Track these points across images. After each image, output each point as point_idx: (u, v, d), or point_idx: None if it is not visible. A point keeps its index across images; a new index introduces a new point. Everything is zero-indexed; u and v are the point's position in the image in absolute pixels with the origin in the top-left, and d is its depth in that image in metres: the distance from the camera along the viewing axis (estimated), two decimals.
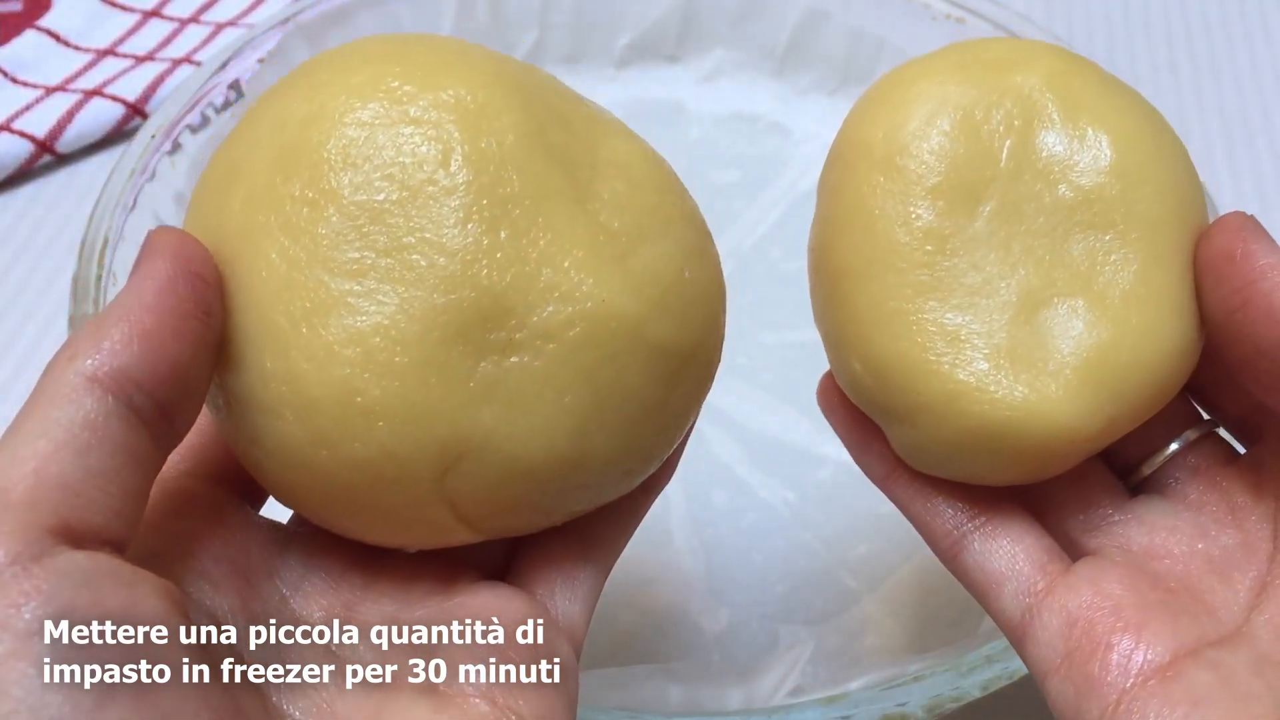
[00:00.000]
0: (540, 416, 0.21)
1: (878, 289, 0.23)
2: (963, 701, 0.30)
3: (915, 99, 0.24)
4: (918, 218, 0.23)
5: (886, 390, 0.23)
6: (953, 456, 0.24)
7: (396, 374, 0.21)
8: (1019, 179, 0.23)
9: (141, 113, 0.53)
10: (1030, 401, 0.22)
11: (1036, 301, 0.23)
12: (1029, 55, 0.25)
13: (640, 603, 0.38)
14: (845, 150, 0.25)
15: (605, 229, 0.23)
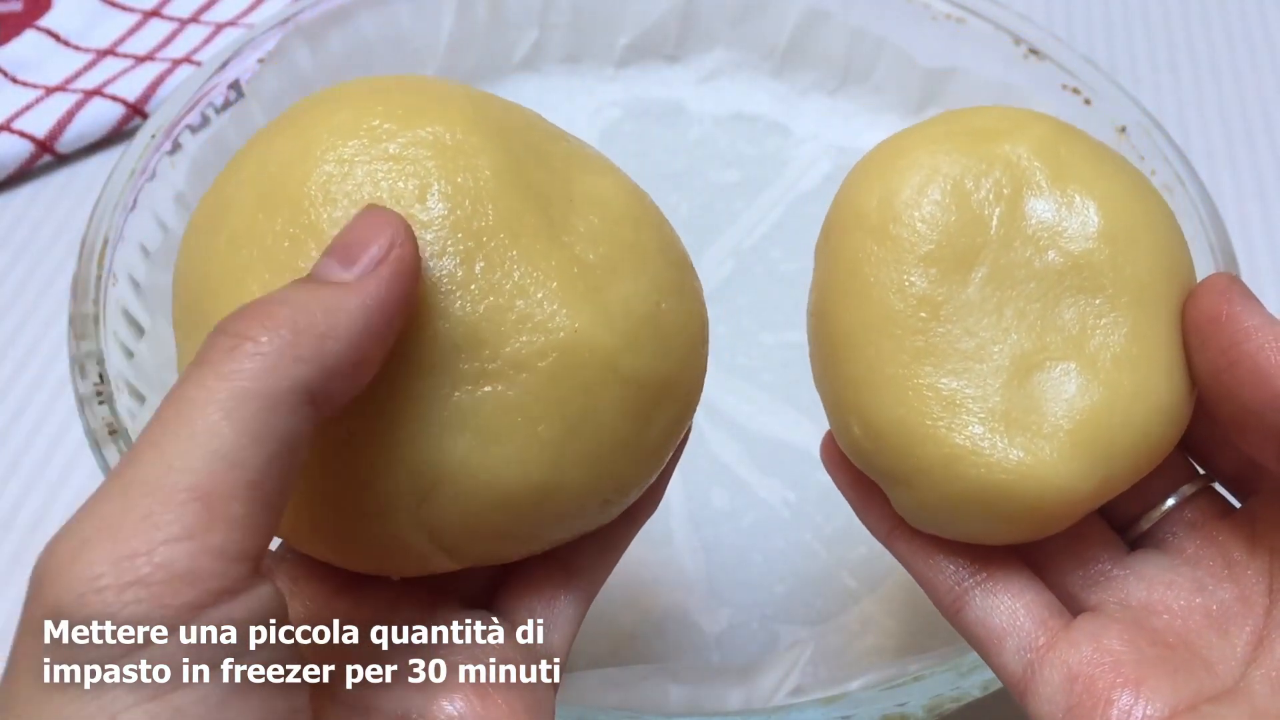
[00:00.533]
0: (513, 446, 0.22)
1: (874, 354, 0.24)
2: (963, 701, 0.30)
3: (907, 167, 0.25)
4: (911, 285, 0.24)
5: (885, 454, 0.24)
6: (951, 518, 0.24)
7: (371, 405, 0.21)
8: (1010, 245, 0.24)
9: (141, 113, 0.53)
10: (1026, 464, 0.23)
11: (1029, 365, 0.23)
12: (1017, 124, 0.25)
13: (640, 603, 0.38)
14: (840, 217, 0.26)
15: (580, 262, 0.23)
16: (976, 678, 0.30)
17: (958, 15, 0.49)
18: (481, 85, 0.53)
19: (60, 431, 0.43)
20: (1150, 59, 0.59)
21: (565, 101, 0.53)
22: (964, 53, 0.50)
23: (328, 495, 0.22)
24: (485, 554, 0.24)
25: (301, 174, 0.22)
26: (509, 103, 0.26)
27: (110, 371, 0.36)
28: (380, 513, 0.22)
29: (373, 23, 0.50)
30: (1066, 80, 0.47)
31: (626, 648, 0.37)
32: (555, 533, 0.24)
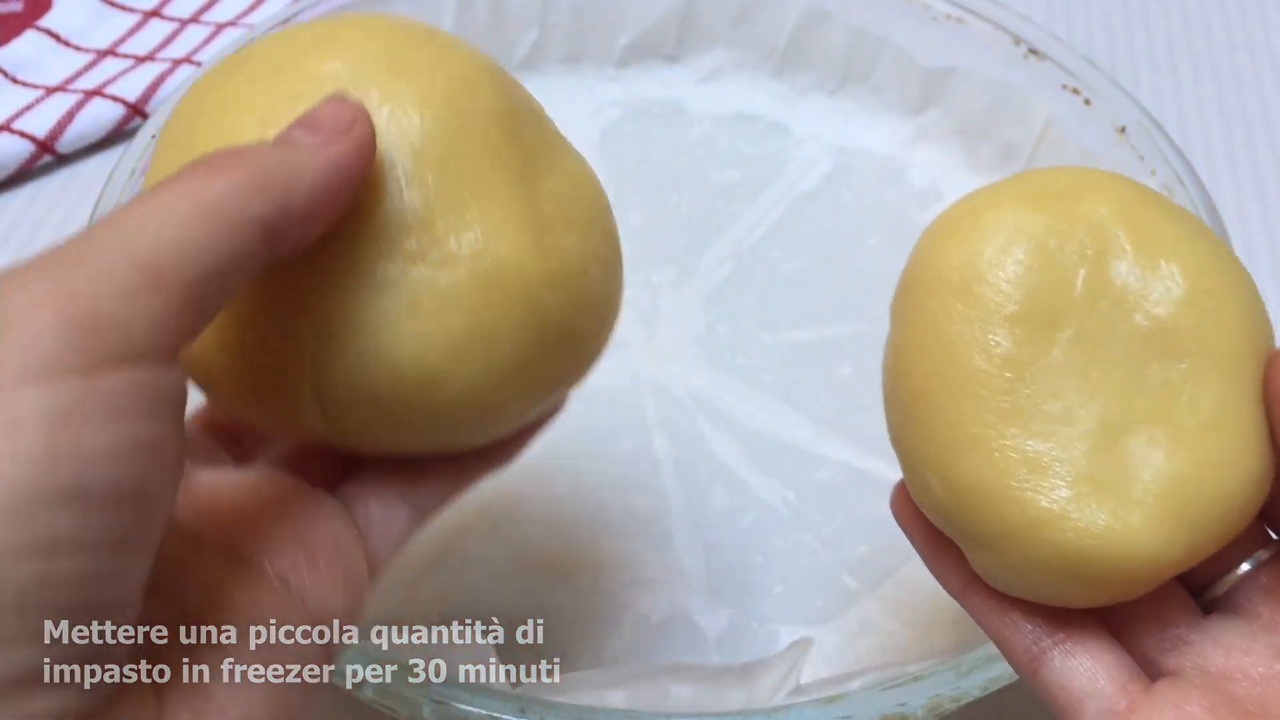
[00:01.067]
0: (422, 325, 0.23)
1: (956, 414, 0.24)
2: (963, 701, 0.30)
3: (990, 228, 0.25)
4: (996, 344, 0.24)
5: (967, 515, 0.24)
6: (1033, 581, 0.24)
7: (306, 260, 0.23)
8: (1094, 307, 0.24)
9: (142, 113, 0.53)
10: (1113, 530, 0.23)
11: (1116, 430, 0.23)
12: (1096, 184, 0.25)
13: (640, 603, 0.38)
14: (919, 276, 0.25)
15: (537, 209, 0.25)
16: (976, 678, 0.30)
17: (958, 15, 0.50)
18: None
19: None
20: (1150, 59, 0.59)
21: (565, 101, 0.53)
22: (964, 53, 0.50)
23: (244, 339, 0.24)
24: (355, 429, 0.25)
25: (316, 63, 0.24)
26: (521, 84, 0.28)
27: None
28: (282, 356, 0.24)
29: None
30: (1066, 80, 0.47)
31: (626, 648, 0.37)
32: (425, 432, 0.25)
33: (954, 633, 0.36)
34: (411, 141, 0.24)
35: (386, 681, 0.29)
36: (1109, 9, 0.61)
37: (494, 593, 0.38)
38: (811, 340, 0.45)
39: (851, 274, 0.47)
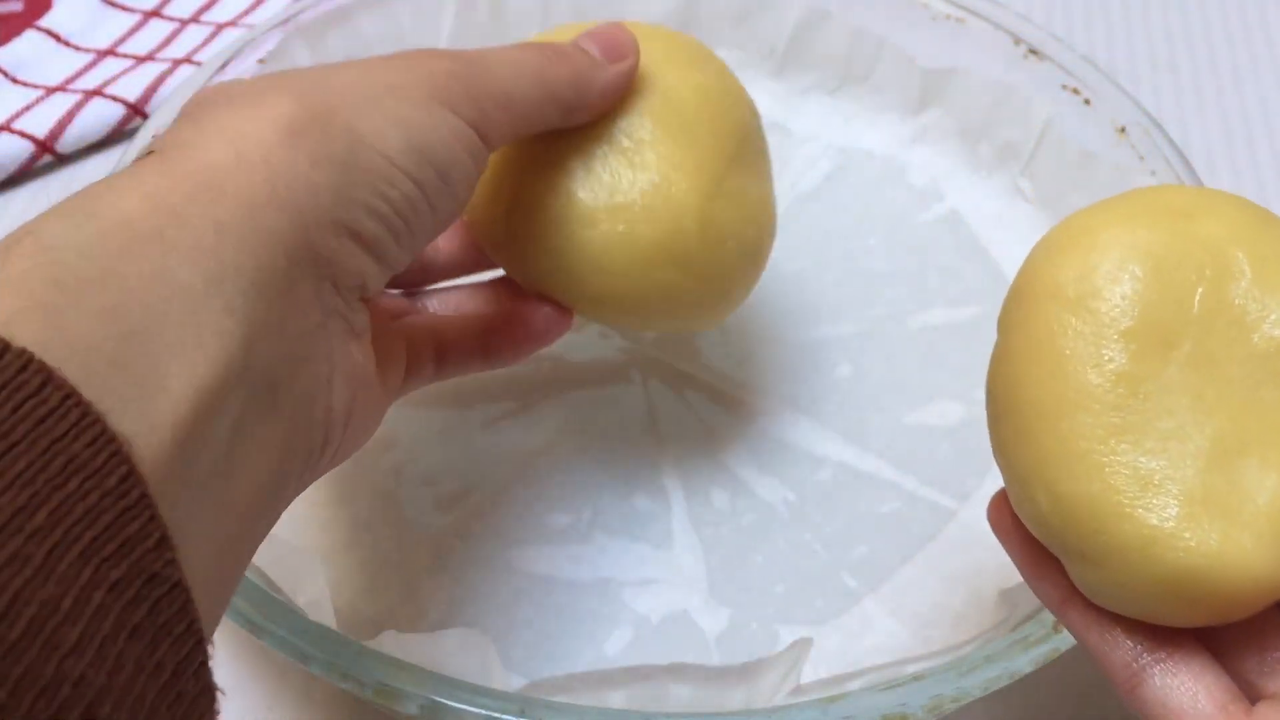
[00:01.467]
0: (601, 223, 0.34)
1: (1068, 428, 0.24)
2: (963, 701, 0.30)
3: (1106, 243, 0.25)
4: (1110, 360, 0.24)
5: (1074, 530, 0.24)
6: (1139, 599, 0.24)
7: (569, 157, 0.34)
8: (1211, 327, 0.24)
9: (142, 113, 0.53)
10: (1224, 551, 0.22)
11: (1230, 450, 0.23)
12: (1215, 204, 0.25)
13: (640, 603, 0.38)
14: (1032, 289, 0.25)
15: (717, 189, 0.34)
16: (976, 677, 0.30)
17: (957, 15, 0.50)
18: None
19: None
20: (1150, 59, 0.59)
21: None
22: (964, 53, 0.50)
23: (499, 190, 0.34)
24: (543, 276, 0.35)
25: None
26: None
27: None
28: (516, 207, 0.34)
29: (372, 23, 0.50)
30: (1066, 80, 0.47)
31: (626, 648, 0.37)
32: (586, 299, 0.35)
33: (954, 633, 0.36)
34: (669, 96, 0.34)
35: (387, 681, 0.29)
36: (1109, 9, 0.61)
37: (493, 592, 0.38)
38: (811, 340, 0.45)
39: (851, 274, 0.47)
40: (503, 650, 0.36)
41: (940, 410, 0.43)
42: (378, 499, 0.40)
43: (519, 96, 0.29)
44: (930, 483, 0.41)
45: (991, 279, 0.47)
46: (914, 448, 0.42)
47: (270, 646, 0.31)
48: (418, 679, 0.29)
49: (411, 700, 0.29)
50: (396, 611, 0.37)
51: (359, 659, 0.30)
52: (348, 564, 0.38)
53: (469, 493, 0.40)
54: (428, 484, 0.41)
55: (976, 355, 0.45)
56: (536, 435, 0.42)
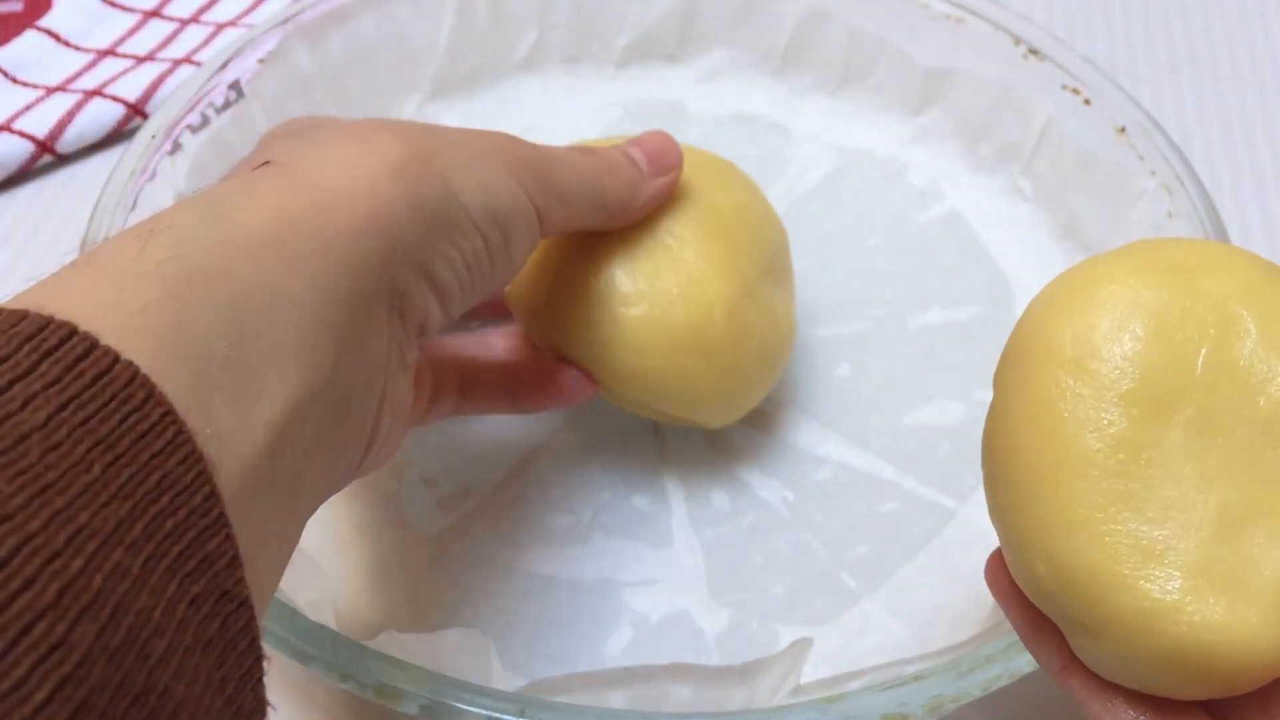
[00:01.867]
0: (627, 322, 0.37)
1: (1067, 494, 0.23)
2: (963, 701, 0.30)
3: (1106, 301, 0.24)
4: (1110, 424, 0.23)
5: (1073, 600, 0.23)
6: (1140, 672, 0.23)
7: (603, 255, 0.37)
8: (1215, 389, 0.23)
9: (142, 113, 0.53)
10: (1229, 626, 0.22)
11: (1235, 520, 0.22)
12: (1220, 260, 0.24)
13: (640, 603, 0.38)
14: (1029, 347, 0.24)
15: (742, 296, 0.38)
16: (976, 677, 0.30)
17: (957, 15, 0.50)
18: (482, 86, 0.53)
19: None
20: (1150, 59, 0.59)
21: (565, 101, 0.53)
22: (964, 53, 0.50)
23: (565, 275, 0.37)
24: (581, 358, 0.38)
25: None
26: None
27: None
28: (556, 297, 0.37)
29: (373, 23, 0.50)
30: (1066, 80, 0.47)
31: (626, 648, 0.37)
32: (614, 383, 0.38)
33: (954, 633, 0.36)
34: (710, 206, 0.38)
35: (387, 681, 0.29)
36: (1109, 9, 0.61)
37: (493, 593, 0.38)
38: (811, 340, 0.45)
39: (851, 274, 0.47)
40: (503, 650, 0.36)
41: (940, 410, 0.43)
42: (378, 499, 0.40)
43: (575, 198, 0.32)
44: (930, 483, 0.41)
45: (991, 279, 0.47)
46: (914, 448, 0.42)
47: (270, 646, 0.31)
48: (418, 679, 0.29)
49: (411, 700, 0.29)
50: (396, 611, 0.37)
51: (359, 659, 0.30)
52: (348, 564, 0.38)
53: (469, 493, 0.40)
54: (428, 484, 0.41)
55: (976, 355, 0.45)
56: (536, 435, 0.42)
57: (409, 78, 0.52)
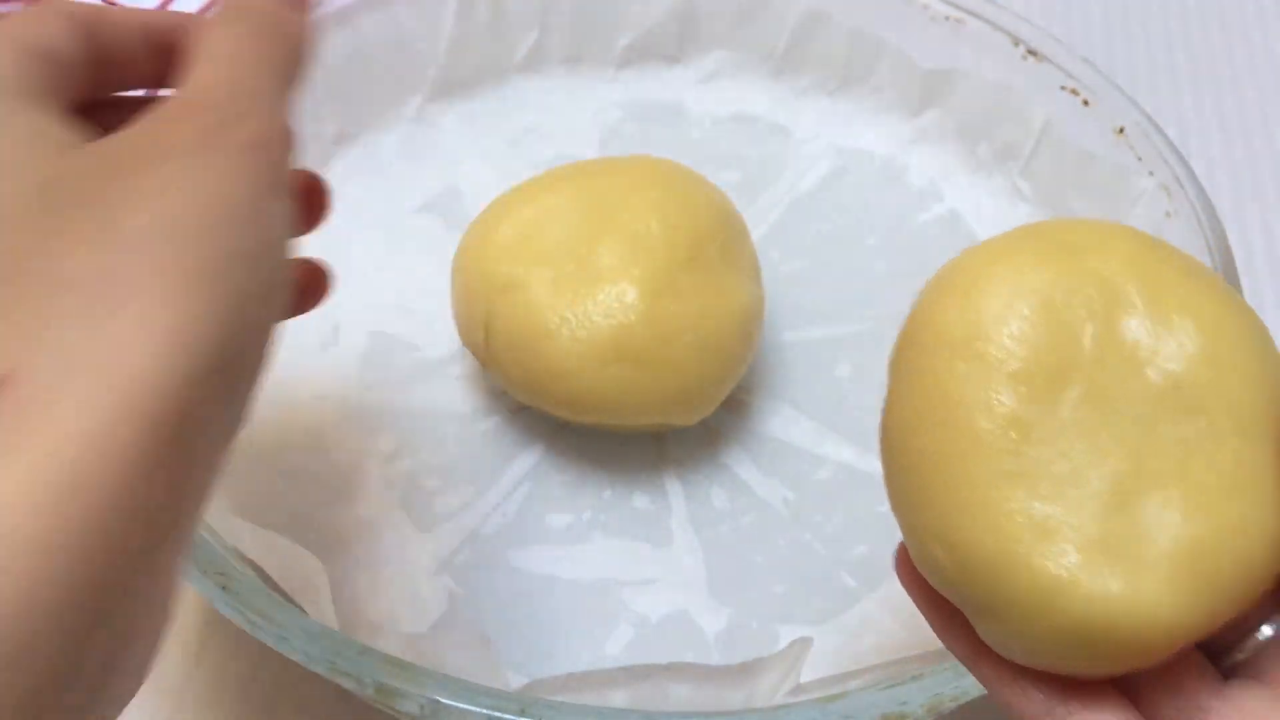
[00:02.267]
0: (564, 330, 0.38)
1: (959, 477, 0.23)
2: (962, 701, 0.30)
3: (991, 283, 0.24)
4: (1000, 404, 0.23)
5: (971, 582, 0.23)
6: (1043, 651, 0.23)
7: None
8: (1104, 364, 0.23)
9: None
10: (1126, 597, 0.22)
11: (1128, 491, 0.22)
12: (1106, 238, 0.24)
13: (640, 603, 0.38)
14: (919, 333, 0.24)
15: (675, 293, 0.39)
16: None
17: (957, 16, 0.50)
18: (483, 87, 0.53)
19: None
20: (1149, 59, 0.59)
21: (566, 102, 0.53)
22: (963, 54, 0.50)
23: (493, 324, 0.39)
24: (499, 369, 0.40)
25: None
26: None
27: None
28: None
29: (373, 23, 0.50)
30: (1065, 81, 0.47)
31: (626, 648, 0.37)
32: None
33: None
34: (625, 214, 0.40)
35: (387, 681, 0.29)
36: (1108, 9, 0.61)
37: (494, 592, 0.38)
38: (811, 340, 0.45)
39: (851, 274, 0.47)
40: (503, 650, 0.36)
41: None
42: (378, 499, 0.40)
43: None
44: None
45: None
46: None
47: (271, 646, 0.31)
48: (418, 679, 0.29)
49: (411, 700, 0.29)
50: (396, 611, 0.37)
51: (359, 659, 0.30)
52: (348, 564, 0.38)
53: (469, 493, 0.40)
54: (428, 484, 0.41)
55: None
56: (537, 435, 0.42)
57: (409, 78, 0.52)
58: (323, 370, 0.44)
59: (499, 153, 0.52)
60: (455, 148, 0.52)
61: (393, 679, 0.29)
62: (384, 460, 0.41)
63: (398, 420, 0.42)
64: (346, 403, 0.43)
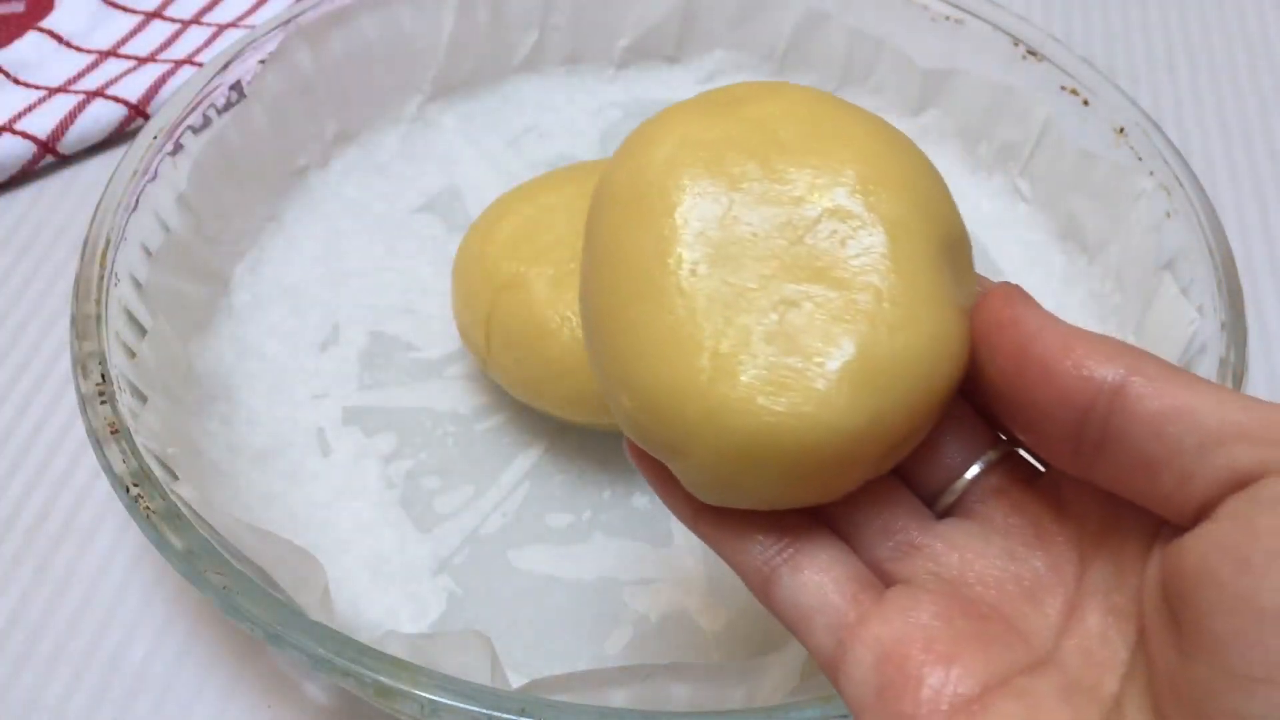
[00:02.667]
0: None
1: (636, 319, 0.23)
2: None
3: (655, 138, 0.25)
4: (669, 248, 0.24)
5: (655, 422, 0.23)
6: (730, 480, 0.23)
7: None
8: (763, 200, 0.24)
9: (143, 114, 0.54)
10: (795, 405, 0.22)
11: (794, 312, 0.23)
12: (770, 90, 0.26)
13: (640, 603, 0.38)
14: (598, 197, 0.26)
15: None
16: None
17: (956, 16, 0.50)
18: (483, 86, 0.53)
19: (62, 431, 0.43)
20: (1149, 59, 0.59)
21: (566, 103, 0.53)
22: (963, 54, 0.50)
23: (494, 325, 0.39)
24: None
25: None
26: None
27: (112, 371, 0.36)
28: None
29: (374, 24, 0.50)
30: (1065, 81, 0.47)
31: (626, 648, 0.37)
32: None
33: None
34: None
35: (387, 681, 0.29)
36: (1108, 9, 0.61)
37: (493, 592, 0.38)
38: None
39: None
40: (503, 650, 0.36)
41: None
42: (378, 498, 0.40)
43: None
44: None
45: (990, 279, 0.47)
46: None
47: (271, 646, 0.31)
48: (418, 679, 0.29)
49: (411, 700, 0.29)
50: (397, 611, 0.37)
51: (359, 659, 0.30)
52: (348, 564, 0.38)
53: (469, 493, 0.40)
54: (428, 484, 0.41)
55: None
56: (537, 435, 0.42)
57: (409, 78, 0.52)
58: (323, 370, 0.44)
59: (499, 153, 0.52)
60: (455, 148, 0.52)
61: (393, 679, 0.29)
62: (384, 460, 0.41)
63: (398, 420, 0.42)
64: (346, 403, 0.43)
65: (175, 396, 0.40)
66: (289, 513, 0.39)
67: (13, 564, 0.39)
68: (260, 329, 0.45)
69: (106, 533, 0.40)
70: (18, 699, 0.36)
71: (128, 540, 0.40)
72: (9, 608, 0.38)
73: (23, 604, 0.38)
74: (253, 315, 0.45)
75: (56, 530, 0.40)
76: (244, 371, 0.43)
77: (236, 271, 0.46)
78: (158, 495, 0.33)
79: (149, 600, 0.39)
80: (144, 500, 0.33)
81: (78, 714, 0.36)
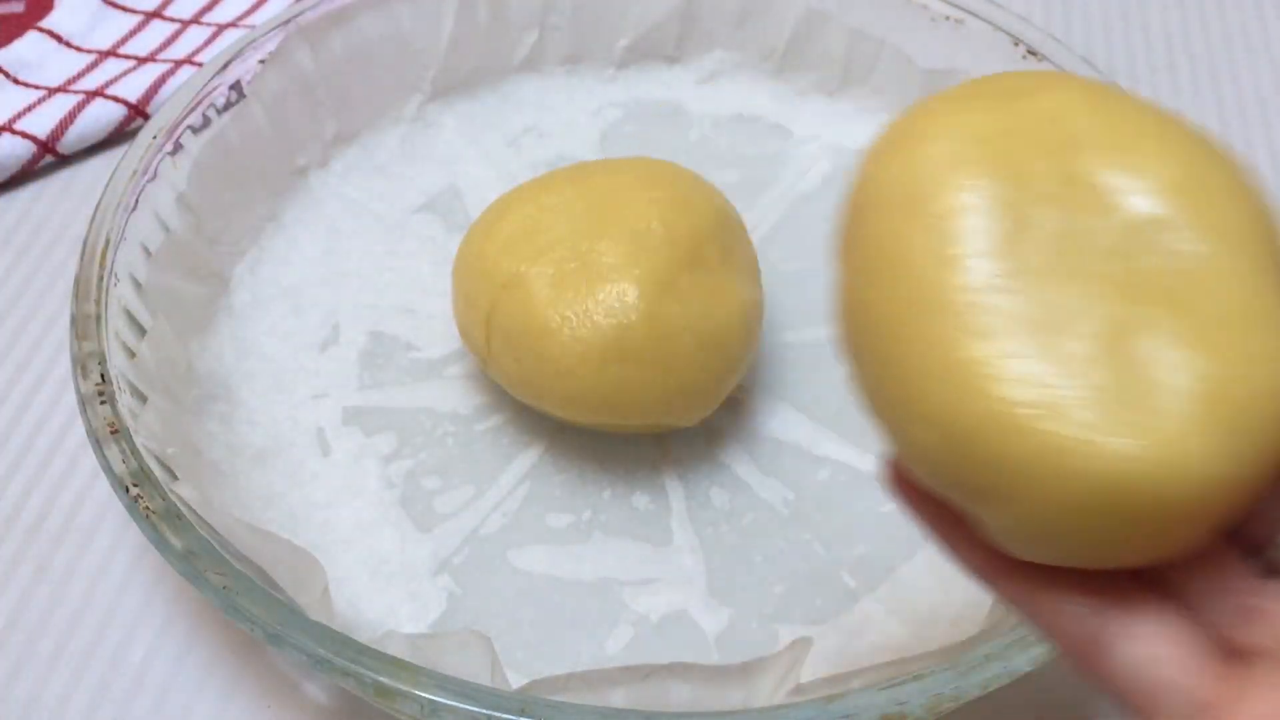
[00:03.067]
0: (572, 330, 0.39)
1: (931, 339, 0.20)
2: (962, 701, 0.30)
3: (929, 133, 0.21)
4: (963, 256, 0.20)
5: (969, 461, 0.20)
6: (1062, 532, 0.20)
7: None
8: (1068, 203, 0.20)
9: (143, 114, 0.54)
10: (1150, 447, 0.18)
11: (1127, 332, 0.19)
12: (1055, 81, 0.22)
13: (640, 603, 0.38)
14: (863, 198, 0.22)
15: (677, 293, 0.39)
16: (976, 677, 0.30)
17: (957, 16, 0.50)
18: (483, 86, 0.53)
19: (62, 431, 0.43)
20: (1149, 59, 0.59)
21: (566, 103, 0.53)
22: (963, 54, 0.50)
23: (494, 322, 0.39)
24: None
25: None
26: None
27: (112, 371, 0.36)
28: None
29: (374, 23, 0.50)
30: None
31: (626, 648, 0.37)
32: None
33: (953, 632, 0.36)
34: (627, 215, 0.39)
35: (387, 681, 0.29)
36: (1109, 9, 0.61)
37: (494, 592, 0.38)
38: (811, 340, 0.45)
39: None
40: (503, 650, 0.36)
41: None
42: (378, 498, 0.40)
43: None
44: None
45: None
46: None
47: (270, 646, 0.31)
48: (418, 679, 0.29)
49: (411, 700, 0.29)
50: (396, 611, 0.37)
51: (359, 659, 0.30)
52: (348, 564, 0.38)
53: (469, 493, 0.40)
54: (428, 484, 0.41)
55: None
56: (537, 435, 0.42)
57: (409, 78, 0.52)
58: (323, 370, 0.44)
59: (499, 153, 0.52)
60: (455, 148, 0.52)
61: (393, 679, 0.29)
62: (384, 460, 0.41)
63: (398, 420, 0.42)
64: (346, 403, 0.43)
65: (175, 396, 0.40)
66: (289, 513, 0.39)
67: (13, 564, 0.39)
68: (260, 329, 0.45)
69: (106, 533, 0.40)
70: (18, 699, 0.36)
71: (128, 540, 0.40)
72: (9, 608, 0.38)
73: (23, 604, 0.38)
74: (252, 315, 0.45)
75: (56, 530, 0.40)
76: (244, 371, 0.43)
77: (236, 271, 0.46)
78: (157, 495, 0.33)
79: (149, 600, 0.38)
80: (144, 500, 0.33)
81: (78, 714, 0.36)
